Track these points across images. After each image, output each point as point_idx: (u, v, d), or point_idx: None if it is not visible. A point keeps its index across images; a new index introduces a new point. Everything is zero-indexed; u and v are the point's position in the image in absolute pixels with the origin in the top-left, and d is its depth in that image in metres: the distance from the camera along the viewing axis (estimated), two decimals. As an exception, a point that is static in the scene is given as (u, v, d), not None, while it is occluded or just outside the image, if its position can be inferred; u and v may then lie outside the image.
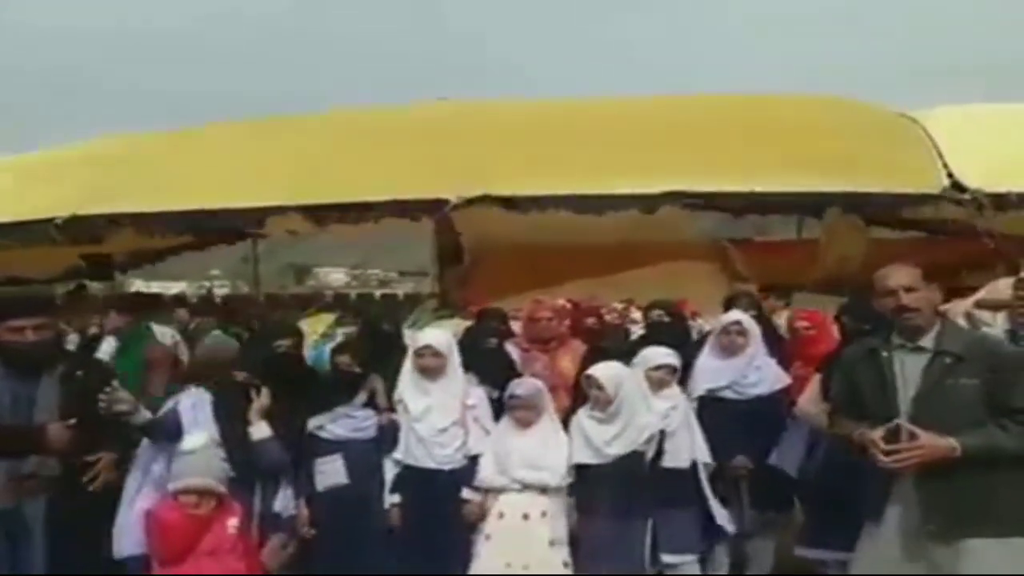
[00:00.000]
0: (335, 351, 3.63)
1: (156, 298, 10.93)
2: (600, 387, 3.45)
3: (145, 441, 3.34)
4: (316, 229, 8.62)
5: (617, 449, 3.42)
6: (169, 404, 3.42)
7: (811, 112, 7.41)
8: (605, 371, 3.52)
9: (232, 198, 6.61)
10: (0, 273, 8.55)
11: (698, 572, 3.71)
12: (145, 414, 3.21)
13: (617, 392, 3.44)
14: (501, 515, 3.43)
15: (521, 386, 3.56)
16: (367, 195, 6.47)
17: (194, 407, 3.33)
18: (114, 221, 6.86)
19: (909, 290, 2.66)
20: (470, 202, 6.32)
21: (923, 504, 2.58)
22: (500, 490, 3.46)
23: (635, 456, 3.45)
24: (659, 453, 3.53)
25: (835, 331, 3.95)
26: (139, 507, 3.18)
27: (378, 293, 14.70)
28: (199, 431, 3.21)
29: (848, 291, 6.81)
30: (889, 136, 6.70)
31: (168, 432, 3.27)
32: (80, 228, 6.88)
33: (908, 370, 2.67)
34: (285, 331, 3.79)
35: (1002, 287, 6.02)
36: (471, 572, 3.38)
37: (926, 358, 2.65)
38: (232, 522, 2.95)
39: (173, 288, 14.91)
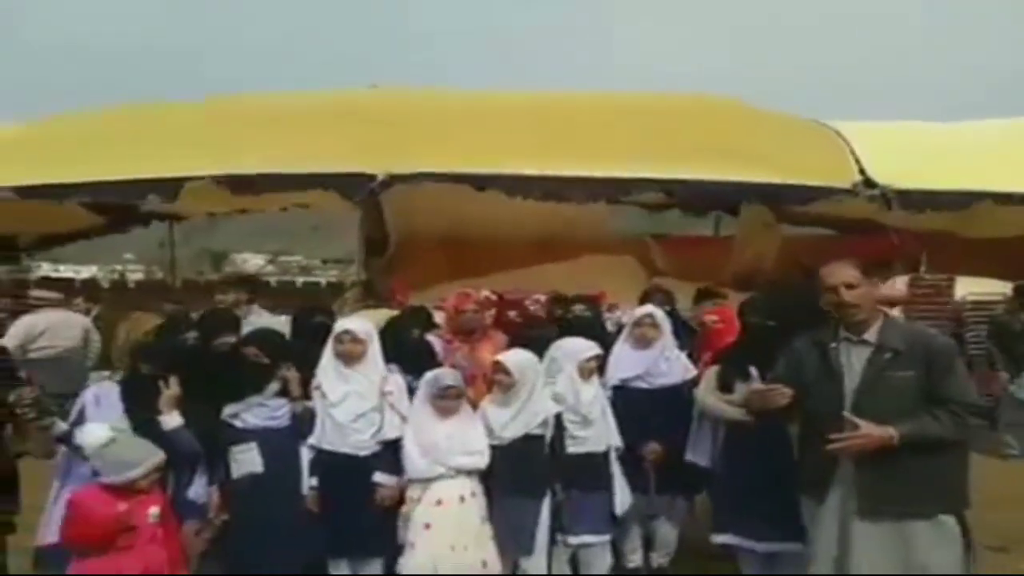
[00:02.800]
0: (243, 342, 3.59)
1: (69, 283, 10.56)
2: (507, 372, 3.61)
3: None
4: (242, 204, 8.48)
5: (512, 432, 3.58)
6: (76, 406, 3.37)
7: (729, 113, 7.67)
8: (512, 357, 3.68)
9: (157, 171, 6.49)
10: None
11: (609, 553, 3.86)
12: (61, 426, 3.18)
13: (521, 378, 3.60)
14: (439, 502, 3.47)
15: (449, 376, 3.62)
16: (296, 169, 6.44)
17: (98, 400, 3.28)
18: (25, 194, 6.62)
19: (850, 287, 2.82)
20: (395, 178, 6.35)
21: (860, 486, 2.78)
22: (433, 479, 3.49)
23: (530, 439, 3.60)
24: (560, 437, 3.67)
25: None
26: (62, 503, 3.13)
27: (300, 280, 14.50)
28: (100, 424, 3.12)
29: (766, 287, 7.10)
30: (803, 136, 6.99)
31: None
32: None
33: (853, 362, 2.85)
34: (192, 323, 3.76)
35: (899, 284, 6.40)
36: (417, 559, 3.40)
37: (869, 351, 2.83)
38: (153, 511, 2.90)
39: (83, 272, 14.36)
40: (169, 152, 6.68)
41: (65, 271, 13.87)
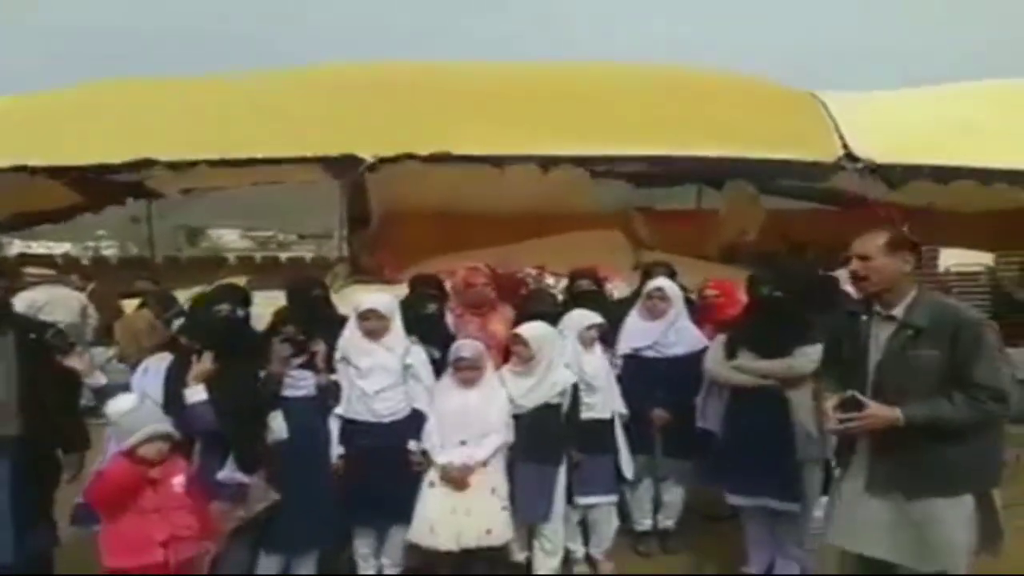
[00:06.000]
0: (280, 322, 3.63)
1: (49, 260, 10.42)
2: (525, 344, 3.73)
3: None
4: (227, 184, 8.41)
5: (531, 401, 3.72)
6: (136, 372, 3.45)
7: (711, 84, 7.71)
8: (531, 330, 3.81)
9: (140, 152, 6.44)
10: None
11: (615, 514, 4.06)
12: (100, 379, 3.21)
13: (539, 349, 3.73)
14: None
15: (466, 348, 3.73)
16: (279, 152, 6.40)
17: (145, 372, 3.34)
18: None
19: (863, 258, 2.76)
20: (383, 161, 6.34)
21: (868, 463, 2.78)
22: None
23: (548, 408, 3.75)
24: (575, 405, 3.82)
25: (742, 297, 4.21)
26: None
27: (283, 256, 14.44)
28: (131, 394, 3.19)
29: (751, 259, 7.24)
30: (787, 108, 7.06)
31: None
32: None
33: (880, 337, 2.77)
34: (226, 294, 3.76)
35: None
36: (417, 515, 3.55)
37: (893, 327, 2.74)
38: (178, 480, 2.96)
39: (57, 249, 14.12)
40: (157, 131, 6.62)
41: (38, 248, 13.60)
